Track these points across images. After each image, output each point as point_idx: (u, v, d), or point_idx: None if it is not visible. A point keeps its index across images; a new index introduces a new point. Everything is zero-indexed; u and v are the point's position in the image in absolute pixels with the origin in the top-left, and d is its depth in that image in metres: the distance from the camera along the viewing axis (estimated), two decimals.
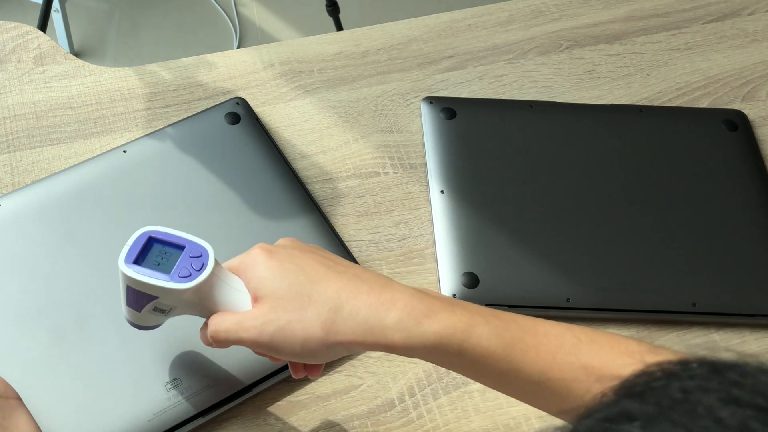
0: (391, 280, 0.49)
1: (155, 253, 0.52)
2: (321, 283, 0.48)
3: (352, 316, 0.47)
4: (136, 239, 0.52)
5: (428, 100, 0.78)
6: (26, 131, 0.76)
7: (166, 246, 0.52)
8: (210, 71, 0.81)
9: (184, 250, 0.52)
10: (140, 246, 0.52)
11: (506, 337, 0.47)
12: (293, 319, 0.47)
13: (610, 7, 0.88)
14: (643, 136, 0.76)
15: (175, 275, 0.51)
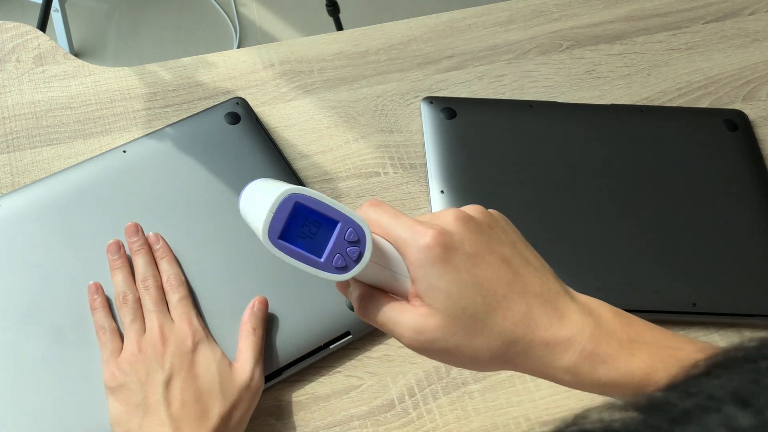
0: (570, 303, 0.44)
1: (303, 223, 0.43)
2: (498, 310, 0.43)
3: (525, 352, 0.43)
4: (281, 204, 0.42)
5: (428, 100, 0.78)
6: (26, 131, 0.76)
7: (315, 215, 0.43)
8: (210, 71, 0.81)
9: (338, 228, 0.42)
10: (286, 214, 0.42)
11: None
12: (462, 345, 0.43)
13: (610, 7, 0.88)
14: (643, 136, 0.76)
15: (329, 263, 0.42)
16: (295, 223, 0.42)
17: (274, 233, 0.42)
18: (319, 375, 0.65)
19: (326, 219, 0.42)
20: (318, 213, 0.42)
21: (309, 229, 0.43)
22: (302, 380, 0.65)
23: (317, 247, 0.42)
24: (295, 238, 0.42)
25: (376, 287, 0.45)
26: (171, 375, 0.57)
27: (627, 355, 0.43)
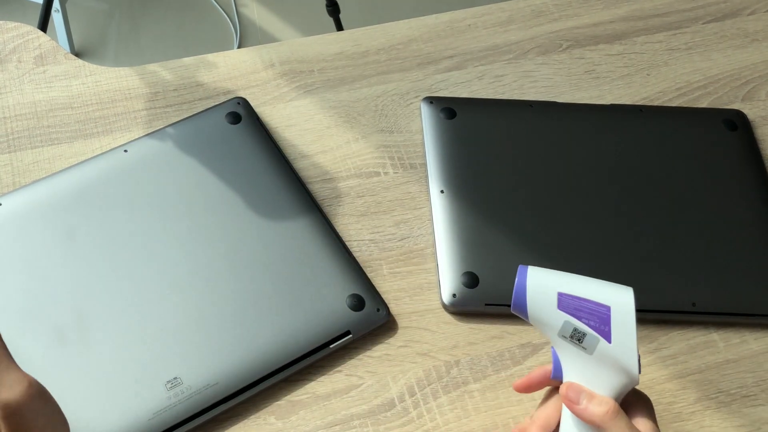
0: None
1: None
2: None
3: None
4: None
5: (428, 100, 0.78)
6: (27, 131, 0.76)
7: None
8: (210, 71, 0.81)
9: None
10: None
11: None
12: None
13: (610, 7, 0.88)
14: (643, 136, 0.76)
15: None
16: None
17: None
18: (320, 374, 0.65)
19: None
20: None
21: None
22: (302, 379, 0.65)
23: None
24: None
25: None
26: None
27: None
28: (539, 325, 0.52)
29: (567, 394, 0.52)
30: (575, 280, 0.53)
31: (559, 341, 0.52)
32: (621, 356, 0.50)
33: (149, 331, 0.63)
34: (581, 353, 0.51)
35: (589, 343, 0.50)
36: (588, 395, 0.51)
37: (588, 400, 0.51)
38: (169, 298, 0.64)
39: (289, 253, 0.67)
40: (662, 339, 0.68)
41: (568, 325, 0.51)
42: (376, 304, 0.66)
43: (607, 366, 0.51)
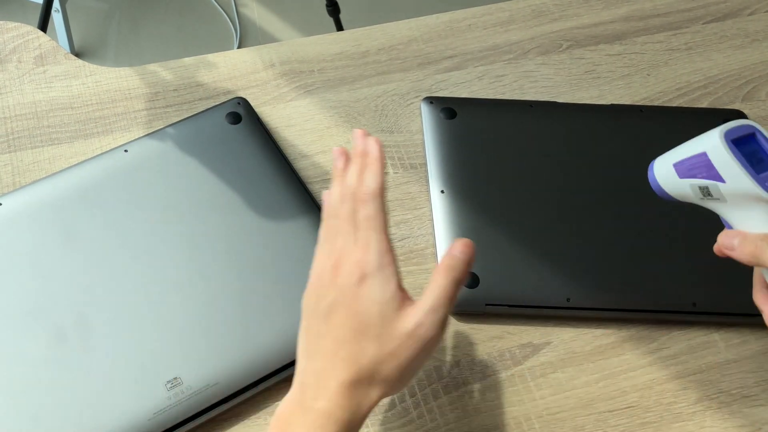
0: None
1: (750, 149, 0.52)
2: None
3: None
4: (742, 125, 0.52)
5: (428, 100, 0.78)
6: (27, 131, 0.76)
7: (762, 152, 0.52)
8: (210, 71, 0.81)
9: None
10: (743, 133, 0.52)
11: None
12: None
13: (610, 7, 0.88)
14: (643, 136, 0.76)
15: (763, 181, 0.50)
16: (746, 144, 0.51)
17: (729, 136, 0.51)
18: None
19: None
20: (765, 151, 0.51)
21: (755, 156, 0.51)
22: None
23: (756, 170, 0.50)
24: (743, 152, 0.51)
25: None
26: (332, 308, 0.51)
27: None
28: (688, 200, 0.55)
29: (722, 243, 0.54)
30: (681, 147, 0.55)
31: (708, 205, 0.54)
32: (740, 188, 0.52)
33: (149, 331, 0.63)
34: (724, 205, 0.53)
35: (717, 192, 0.53)
36: (739, 236, 0.53)
37: (740, 240, 0.52)
38: (169, 298, 0.64)
39: (289, 253, 0.67)
40: (663, 339, 0.68)
41: (694, 187, 0.54)
42: None
43: (745, 204, 0.52)
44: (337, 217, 0.54)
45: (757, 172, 0.51)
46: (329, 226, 0.55)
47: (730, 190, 0.52)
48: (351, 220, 0.53)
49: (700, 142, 0.53)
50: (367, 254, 0.51)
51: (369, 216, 0.53)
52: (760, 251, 0.52)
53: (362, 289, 0.51)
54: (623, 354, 0.67)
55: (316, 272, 0.54)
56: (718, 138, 0.51)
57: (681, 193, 0.55)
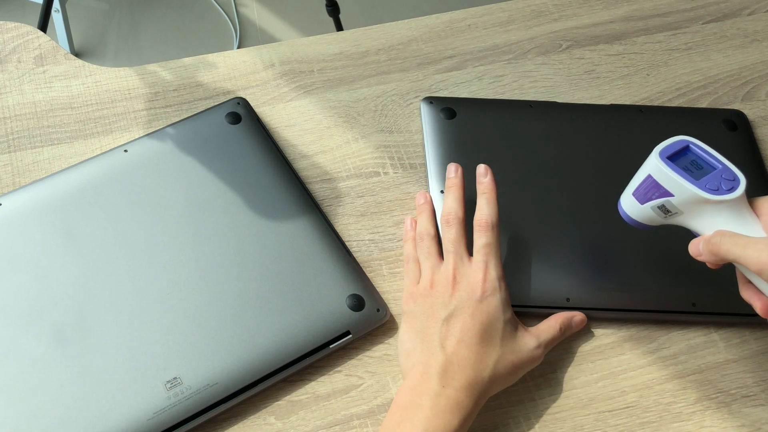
0: None
1: (688, 160, 0.57)
2: None
3: None
4: (675, 142, 0.57)
5: (428, 100, 0.78)
6: (27, 131, 0.76)
7: (700, 160, 0.57)
8: (210, 71, 0.81)
9: (716, 171, 0.56)
10: (677, 148, 0.57)
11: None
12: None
13: (610, 7, 0.88)
14: (643, 136, 0.76)
15: (703, 185, 0.55)
16: (682, 158, 0.57)
17: (664, 154, 0.57)
18: (320, 374, 0.65)
19: (708, 164, 0.57)
20: (702, 158, 0.57)
21: (693, 166, 0.56)
22: (302, 380, 0.65)
23: (696, 177, 0.56)
24: (679, 166, 0.56)
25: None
26: (453, 314, 0.61)
27: None
28: (657, 223, 0.60)
29: (691, 252, 0.58)
30: (635, 177, 0.60)
31: (672, 221, 0.59)
32: (686, 197, 0.56)
33: (149, 330, 0.63)
34: (683, 217, 0.58)
35: (672, 207, 0.57)
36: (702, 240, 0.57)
37: (703, 244, 0.57)
38: (169, 298, 0.64)
39: (289, 253, 0.67)
40: (662, 339, 0.68)
41: (654, 208, 0.58)
42: (376, 304, 0.66)
43: (697, 210, 0.56)
44: (429, 241, 0.65)
45: (696, 178, 0.56)
46: (422, 249, 0.66)
47: (680, 201, 0.56)
48: (460, 243, 0.64)
49: (645, 167, 0.58)
50: (487, 277, 0.61)
51: (489, 244, 0.63)
52: (716, 248, 0.55)
53: (483, 305, 0.61)
54: (623, 354, 0.67)
55: (423, 284, 0.63)
56: (654, 159, 0.57)
57: (648, 218, 0.60)
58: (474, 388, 0.58)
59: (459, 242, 0.64)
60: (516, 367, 0.61)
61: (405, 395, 0.59)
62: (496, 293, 0.61)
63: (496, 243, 0.63)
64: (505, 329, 0.61)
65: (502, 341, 0.60)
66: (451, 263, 0.63)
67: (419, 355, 0.60)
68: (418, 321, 0.62)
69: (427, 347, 0.60)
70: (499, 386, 0.61)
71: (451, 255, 0.63)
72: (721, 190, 0.55)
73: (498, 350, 0.60)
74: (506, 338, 0.61)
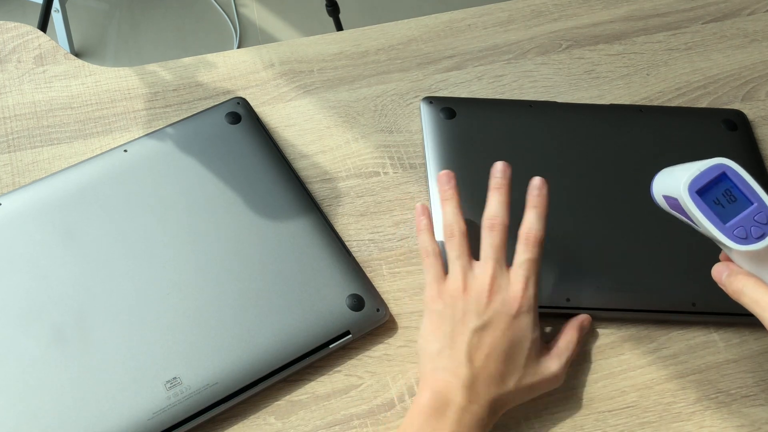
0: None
1: (720, 191, 0.51)
2: None
3: None
4: (709, 168, 0.51)
5: (428, 100, 0.78)
6: (26, 131, 0.76)
7: (735, 190, 0.51)
8: (210, 71, 0.81)
9: (750, 209, 0.50)
10: (710, 178, 0.51)
11: None
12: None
13: (609, 7, 0.88)
14: (643, 136, 0.76)
15: (731, 230, 0.50)
16: (715, 188, 0.50)
17: (693, 187, 0.50)
18: (319, 374, 0.65)
19: (743, 196, 0.50)
20: (738, 188, 0.50)
21: (725, 198, 0.50)
22: (302, 379, 0.65)
23: (725, 216, 0.50)
24: (709, 200, 0.50)
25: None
26: (485, 325, 0.59)
27: None
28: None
29: (713, 275, 0.55)
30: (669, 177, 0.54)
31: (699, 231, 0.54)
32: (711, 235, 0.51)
33: (149, 330, 0.63)
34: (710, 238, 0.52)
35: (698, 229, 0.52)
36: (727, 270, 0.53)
37: (726, 276, 0.53)
38: (169, 298, 0.64)
39: (289, 253, 0.67)
40: (662, 339, 0.68)
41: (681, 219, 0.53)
42: (376, 304, 0.66)
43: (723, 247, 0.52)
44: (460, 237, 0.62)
45: (724, 218, 0.50)
46: (453, 244, 0.62)
47: (704, 232, 0.53)
48: (501, 250, 0.61)
49: (675, 185, 0.53)
50: (526, 294, 0.60)
51: (533, 260, 0.61)
52: (737, 295, 0.53)
53: (516, 321, 0.60)
54: (622, 354, 0.67)
55: (455, 285, 0.61)
56: (682, 191, 0.51)
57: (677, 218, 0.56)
58: (495, 405, 0.59)
59: (502, 250, 0.61)
60: (534, 389, 0.61)
61: (428, 401, 0.58)
62: (531, 312, 0.60)
63: (539, 260, 0.62)
64: (531, 350, 0.60)
65: (526, 362, 0.60)
66: (490, 270, 0.61)
67: (446, 361, 0.59)
68: (446, 324, 0.60)
69: (455, 355, 0.59)
70: (515, 404, 0.61)
71: (491, 262, 0.61)
72: (750, 238, 0.50)
73: (521, 371, 0.60)
74: (531, 360, 0.60)
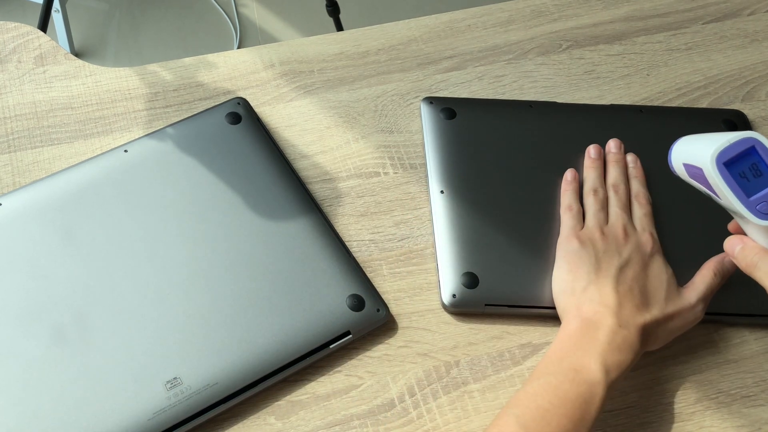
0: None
1: (747, 164, 0.51)
2: None
3: None
4: (740, 141, 0.51)
5: (428, 100, 0.78)
6: (27, 131, 0.76)
7: (762, 165, 0.51)
8: (210, 71, 0.81)
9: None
10: (739, 150, 0.51)
11: None
12: None
13: (610, 8, 0.88)
14: (643, 136, 0.76)
15: (754, 204, 0.51)
16: (742, 161, 0.51)
17: (721, 159, 0.51)
18: (319, 374, 0.65)
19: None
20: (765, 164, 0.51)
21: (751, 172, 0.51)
22: (302, 380, 0.65)
23: (750, 189, 0.51)
24: (735, 173, 0.51)
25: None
26: (626, 263, 0.64)
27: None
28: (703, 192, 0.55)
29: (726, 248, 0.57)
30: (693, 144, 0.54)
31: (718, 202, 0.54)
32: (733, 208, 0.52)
33: (149, 331, 0.63)
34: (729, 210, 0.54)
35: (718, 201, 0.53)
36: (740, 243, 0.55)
37: (740, 249, 0.55)
38: (169, 298, 0.64)
39: (289, 254, 0.67)
40: None
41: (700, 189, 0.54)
42: (376, 304, 0.66)
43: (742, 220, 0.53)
44: (603, 197, 0.70)
45: (748, 192, 0.51)
46: (596, 200, 0.69)
47: (726, 205, 0.53)
48: (626, 208, 0.69)
49: (701, 154, 0.53)
50: (653, 238, 0.67)
51: (649, 214, 0.69)
52: (750, 269, 0.55)
53: (652, 260, 0.65)
54: None
55: (593, 230, 0.67)
56: (709, 161, 0.51)
57: (694, 187, 0.56)
58: (645, 332, 0.61)
59: (626, 207, 0.69)
60: (676, 320, 0.63)
61: (577, 327, 0.61)
62: (661, 254, 0.66)
63: (652, 215, 0.69)
64: (669, 285, 0.64)
65: (667, 294, 0.64)
66: (622, 221, 0.67)
67: (592, 294, 0.63)
68: (586, 263, 0.64)
69: (601, 289, 0.63)
70: (662, 337, 0.63)
71: (621, 213, 0.68)
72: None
73: (663, 302, 0.63)
74: (670, 292, 0.64)
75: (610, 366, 0.58)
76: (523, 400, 0.58)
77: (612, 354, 0.59)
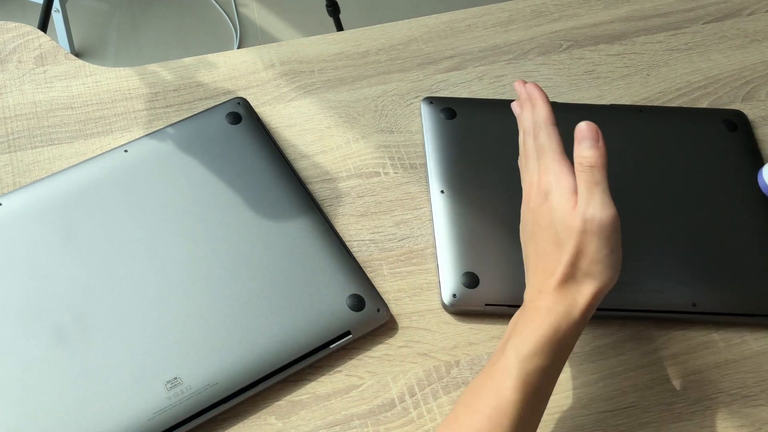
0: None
1: None
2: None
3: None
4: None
5: (428, 100, 0.78)
6: (27, 131, 0.76)
7: None
8: (210, 71, 0.81)
9: None
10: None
11: None
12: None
13: (610, 8, 0.88)
14: (643, 136, 0.76)
15: None
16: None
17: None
18: (320, 374, 0.65)
19: None
20: None
21: None
22: (302, 380, 0.65)
23: None
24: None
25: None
26: (534, 231, 0.60)
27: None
28: None
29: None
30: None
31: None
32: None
33: (149, 331, 0.63)
34: None
35: None
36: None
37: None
38: (169, 298, 0.64)
39: (289, 254, 0.67)
40: (662, 339, 0.68)
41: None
42: (376, 304, 0.66)
43: None
44: (525, 154, 0.63)
45: None
46: (522, 164, 0.64)
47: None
48: (534, 154, 0.62)
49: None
50: (547, 175, 0.60)
51: (542, 144, 0.62)
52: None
53: (546, 205, 0.59)
54: (623, 354, 0.67)
55: (522, 206, 0.62)
56: (762, 177, 0.57)
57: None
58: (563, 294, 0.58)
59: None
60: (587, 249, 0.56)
61: (512, 320, 0.59)
62: (555, 187, 0.60)
63: (549, 139, 0.63)
64: (563, 219, 0.59)
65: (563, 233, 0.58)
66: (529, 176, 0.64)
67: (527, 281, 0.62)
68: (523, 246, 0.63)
69: (528, 269, 0.62)
70: (597, 275, 0.57)
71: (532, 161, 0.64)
72: None
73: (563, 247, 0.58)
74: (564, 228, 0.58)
75: (519, 344, 0.54)
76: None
77: (520, 332, 0.55)
